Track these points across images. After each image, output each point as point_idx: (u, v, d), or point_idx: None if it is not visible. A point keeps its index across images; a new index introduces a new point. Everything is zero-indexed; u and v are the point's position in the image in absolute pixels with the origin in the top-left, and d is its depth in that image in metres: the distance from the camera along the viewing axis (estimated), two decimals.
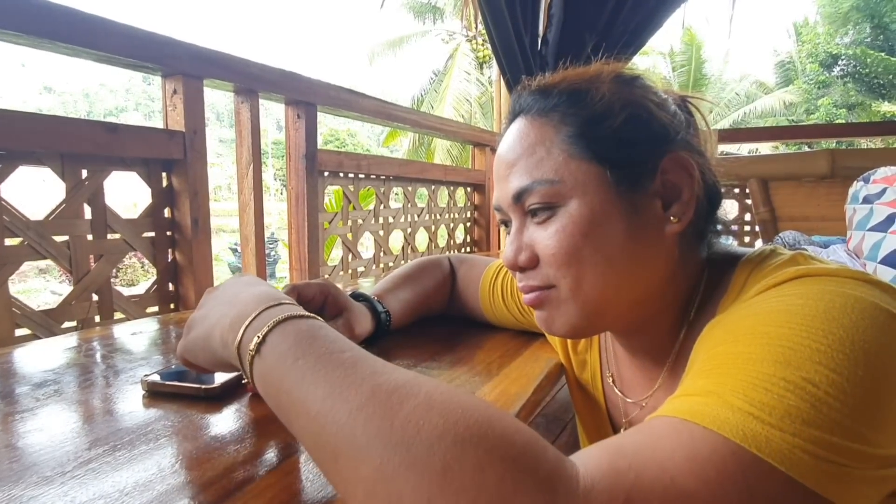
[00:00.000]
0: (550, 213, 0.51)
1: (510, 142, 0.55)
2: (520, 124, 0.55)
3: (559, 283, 0.52)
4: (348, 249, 1.80)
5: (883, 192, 1.55)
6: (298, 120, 1.52)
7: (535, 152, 0.52)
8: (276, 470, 0.44)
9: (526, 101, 0.56)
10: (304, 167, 1.52)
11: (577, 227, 0.50)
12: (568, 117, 0.52)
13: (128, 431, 0.50)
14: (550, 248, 0.51)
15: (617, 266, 0.51)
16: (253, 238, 1.37)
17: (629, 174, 0.51)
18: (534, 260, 0.53)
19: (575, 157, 0.51)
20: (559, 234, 0.50)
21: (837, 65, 18.91)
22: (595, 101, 0.52)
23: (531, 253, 0.53)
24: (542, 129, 0.53)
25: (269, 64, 1.41)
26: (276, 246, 11.04)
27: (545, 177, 0.51)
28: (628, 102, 0.52)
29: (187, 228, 1.20)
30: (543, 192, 0.51)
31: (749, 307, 0.42)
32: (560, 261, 0.51)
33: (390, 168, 1.96)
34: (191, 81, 1.21)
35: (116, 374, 0.67)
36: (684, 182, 0.52)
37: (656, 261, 0.53)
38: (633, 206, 0.51)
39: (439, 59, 15.21)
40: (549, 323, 0.55)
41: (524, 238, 0.54)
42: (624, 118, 0.51)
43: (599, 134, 0.51)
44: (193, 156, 1.20)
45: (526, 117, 0.55)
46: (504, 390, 0.63)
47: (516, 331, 0.90)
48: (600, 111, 0.52)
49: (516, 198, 0.53)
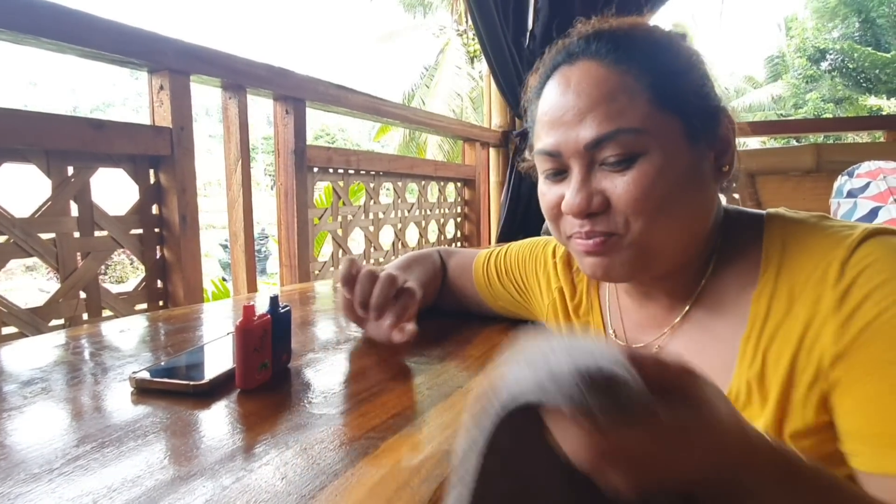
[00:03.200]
0: (630, 161, 0.52)
1: (580, 86, 0.53)
2: (591, 69, 0.53)
3: (629, 228, 0.53)
4: (338, 245, 1.80)
5: (867, 186, 1.58)
6: (287, 116, 1.52)
7: (616, 99, 0.51)
8: (267, 465, 0.44)
9: (596, 46, 0.54)
10: (293, 163, 1.52)
11: (658, 176, 0.51)
12: (650, 67, 0.52)
13: (116, 428, 0.50)
14: (631, 193, 0.51)
15: (683, 213, 0.54)
16: (242, 234, 1.37)
17: (700, 127, 0.53)
18: (604, 205, 0.53)
19: (658, 108, 0.51)
20: (641, 181, 0.51)
21: (826, 59, 19.06)
22: (675, 55, 0.54)
23: (602, 198, 0.53)
24: (622, 77, 0.52)
25: (257, 59, 1.40)
26: (266, 242, 10.99)
27: (629, 125, 0.51)
28: (700, 60, 0.55)
29: (175, 225, 1.19)
30: (627, 141, 0.51)
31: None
32: (639, 208, 0.52)
33: (380, 164, 1.95)
34: (177, 77, 1.20)
35: (105, 372, 0.67)
36: (731, 136, 0.56)
37: (707, 209, 0.57)
38: (699, 157, 0.54)
39: (430, 53, 15.17)
40: (608, 268, 0.56)
41: (592, 184, 0.53)
42: (700, 74, 0.54)
43: (680, 87, 0.53)
44: (181, 152, 1.20)
45: (599, 62, 0.53)
46: None
47: (504, 325, 0.91)
48: (682, 65, 0.54)
49: (593, 144, 0.52)
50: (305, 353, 0.75)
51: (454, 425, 0.52)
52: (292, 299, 1.18)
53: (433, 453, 0.46)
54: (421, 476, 0.43)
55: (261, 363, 0.60)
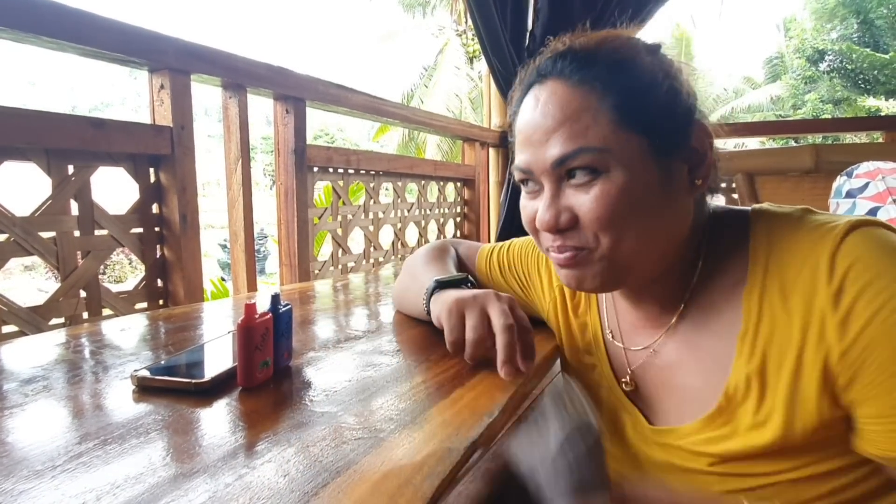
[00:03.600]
0: (592, 178, 0.53)
1: (546, 106, 0.55)
2: (557, 89, 0.55)
3: (599, 243, 0.55)
4: (338, 245, 1.80)
5: (865, 186, 1.58)
6: (287, 115, 1.52)
7: (579, 119, 0.53)
8: (269, 463, 0.44)
9: (561, 65, 0.56)
10: (293, 162, 1.52)
11: (621, 194, 0.52)
12: (613, 86, 0.53)
13: (118, 426, 0.50)
14: (594, 211, 0.53)
15: (652, 228, 0.55)
16: (242, 234, 1.37)
17: (667, 143, 0.54)
18: (573, 221, 0.55)
19: (621, 127, 0.52)
20: (604, 199, 0.53)
21: (824, 60, 19.08)
22: (640, 72, 0.55)
23: (570, 215, 0.55)
24: (586, 97, 0.53)
25: (257, 58, 1.40)
26: (265, 242, 10.99)
27: (592, 145, 0.52)
28: (667, 74, 0.55)
29: (175, 224, 1.19)
30: (589, 160, 0.53)
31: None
32: (604, 224, 0.53)
33: (380, 163, 1.96)
34: (178, 76, 1.20)
35: (106, 370, 0.67)
36: (706, 147, 0.57)
37: (681, 219, 0.58)
38: (668, 172, 0.55)
39: (429, 53, 15.16)
40: (581, 280, 0.58)
41: (561, 201, 0.55)
42: (665, 89, 0.54)
43: (644, 105, 0.53)
44: (181, 151, 1.20)
45: (564, 82, 0.55)
46: (492, 383, 0.64)
47: None
48: (646, 82, 0.54)
49: (557, 163, 0.54)
50: (306, 352, 0.75)
51: (456, 422, 0.52)
52: (292, 298, 1.18)
53: (435, 450, 0.47)
54: (423, 473, 0.43)
55: (262, 361, 0.60)
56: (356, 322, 0.98)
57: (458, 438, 0.49)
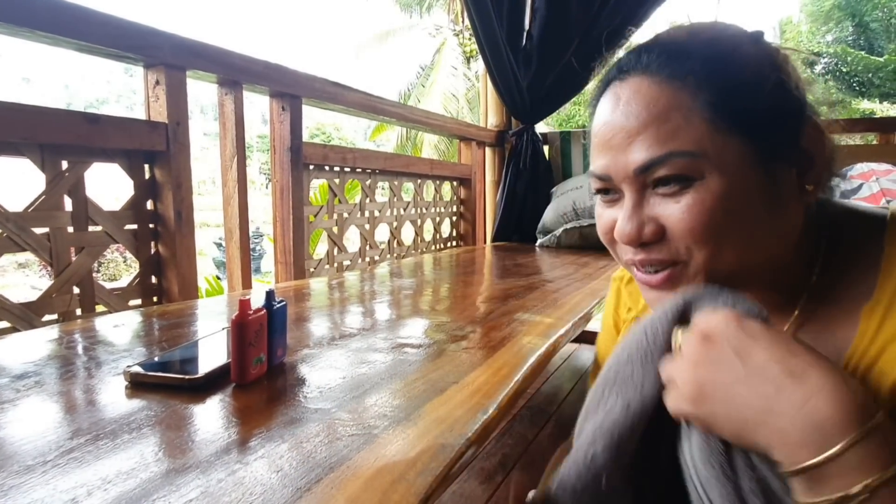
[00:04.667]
0: (684, 185, 0.46)
1: (629, 105, 0.48)
2: (641, 86, 0.48)
3: (691, 257, 0.48)
4: (334, 243, 1.80)
5: (860, 187, 1.59)
6: (283, 112, 1.51)
7: (668, 120, 0.46)
8: (262, 458, 0.44)
9: (647, 59, 0.49)
10: (289, 160, 1.51)
11: (717, 203, 0.45)
12: (708, 83, 0.46)
13: (110, 421, 0.50)
14: (687, 222, 0.46)
15: (754, 238, 0.48)
16: (237, 231, 1.36)
17: (772, 145, 0.47)
18: (659, 233, 0.48)
19: (718, 128, 0.45)
20: (698, 208, 0.46)
21: (820, 62, 19.17)
22: (740, 64, 0.47)
23: (656, 226, 0.48)
24: (676, 94, 0.46)
25: (254, 55, 1.40)
26: (261, 241, 10.95)
27: (684, 148, 0.45)
28: (770, 64, 0.48)
29: (170, 221, 1.19)
30: (680, 165, 0.46)
31: None
32: (698, 236, 0.46)
33: (376, 162, 1.95)
34: (173, 72, 1.20)
35: (98, 366, 0.66)
36: (818, 148, 0.49)
37: (789, 228, 0.50)
38: (772, 177, 0.47)
39: (426, 53, 15.14)
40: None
41: (645, 211, 0.49)
42: (771, 86, 0.47)
43: (745, 104, 0.46)
44: (177, 148, 1.19)
45: (650, 78, 0.48)
46: (486, 380, 0.64)
47: (503, 330, 0.91)
48: (747, 76, 0.47)
49: (642, 169, 0.47)
50: (301, 349, 0.75)
51: (449, 419, 0.52)
52: (287, 296, 1.18)
53: (429, 447, 0.47)
54: (417, 469, 0.43)
55: (256, 357, 0.60)
56: (351, 320, 0.98)
57: (451, 435, 0.49)
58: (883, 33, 18.28)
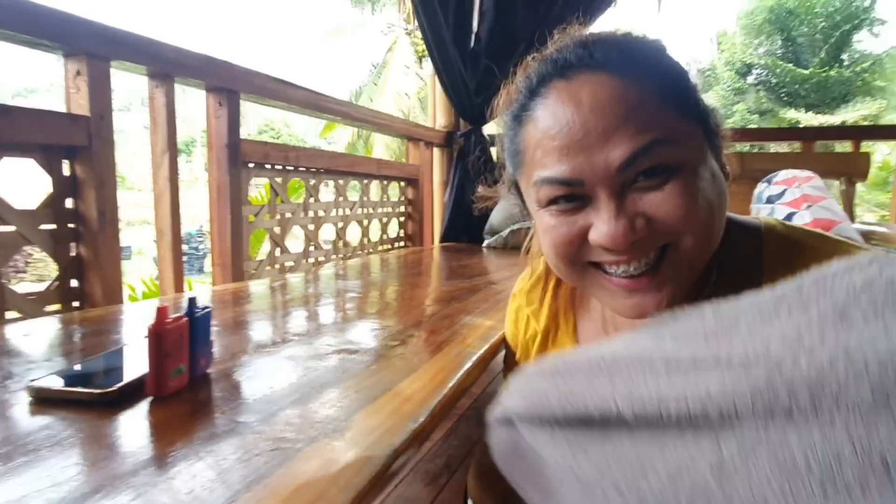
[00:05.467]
0: (667, 175, 0.46)
1: (597, 102, 0.47)
2: (604, 82, 0.47)
3: (680, 240, 0.47)
4: (276, 244, 1.74)
5: (783, 192, 1.68)
6: (220, 108, 1.45)
7: (643, 112, 0.46)
8: (172, 479, 0.41)
9: (600, 56, 0.48)
10: (227, 157, 1.45)
11: (699, 186, 0.47)
12: (661, 74, 0.49)
13: (4, 443, 0.46)
14: (678, 208, 0.46)
15: (721, 223, 0.50)
16: (169, 232, 1.30)
17: (711, 130, 0.51)
18: (648, 227, 0.47)
19: (682, 117, 0.48)
20: (685, 193, 0.46)
21: (752, 73, 20.33)
22: (675, 62, 0.51)
23: (645, 220, 0.47)
24: (642, 89, 0.47)
25: (188, 48, 1.34)
26: (205, 240, 10.55)
27: (665, 136, 0.46)
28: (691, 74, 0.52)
29: (93, 221, 1.11)
30: (663, 153, 0.46)
31: None
32: (688, 221, 0.46)
33: (320, 160, 1.91)
34: (96, 63, 1.12)
35: (1, 380, 0.61)
36: (725, 136, 0.53)
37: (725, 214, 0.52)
38: (715, 162, 0.51)
39: (378, 51, 15.00)
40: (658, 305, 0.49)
41: (630, 208, 0.47)
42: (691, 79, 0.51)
43: (689, 94, 0.50)
44: (100, 143, 1.12)
45: (611, 74, 0.47)
46: (421, 387, 0.63)
47: (443, 333, 0.91)
48: (683, 71, 0.51)
49: (627, 163, 0.46)
50: (230, 358, 0.72)
51: (378, 430, 0.51)
52: (224, 299, 1.13)
53: (354, 460, 0.45)
54: (339, 485, 0.41)
55: (175, 369, 0.57)
56: (288, 325, 0.95)
57: (379, 447, 0.47)
58: (808, 48, 19.60)
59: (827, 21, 19.05)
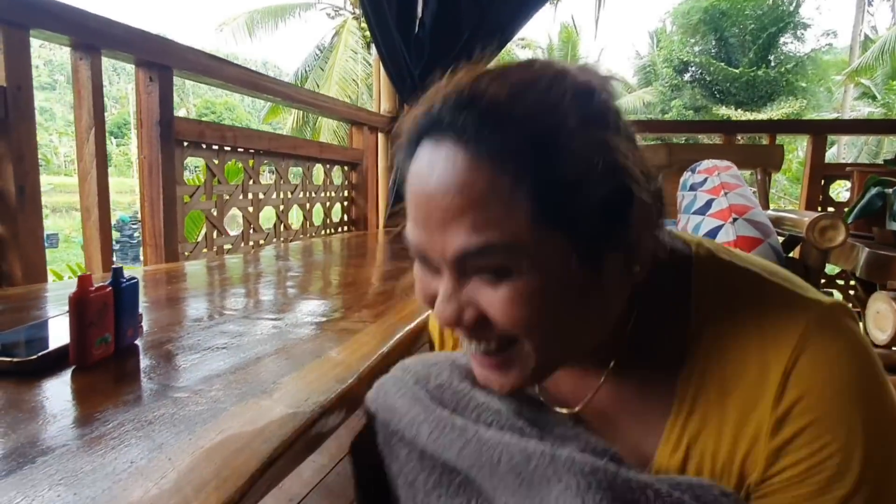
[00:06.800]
0: (502, 276, 0.43)
1: (444, 177, 0.42)
2: (457, 159, 0.42)
3: (518, 339, 0.46)
4: (213, 226, 1.70)
5: (705, 181, 1.80)
6: (151, 84, 1.40)
7: (486, 207, 0.41)
8: (95, 439, 0.42)
9: (464, 121, 0.42)
10: (158, 135, 1.41)
11: (535, 296, 0.43)
12: (533, 165, 0.41)
13: None
14: (506, 313, 0.43)
15: (580, 324, 0.47)
16: (96, 210, 1.25)
17: (595, 240, 0.44)
18: (479, 318, 0.45)
19: (539, 223, 0.41)
20: (516, 300, 0.43)
21: (688, 71, 21.26)
22: (568, 146, 0.42)
23: (476, 311, 0.45)
24: (495, 178, 0.41)
25: (115, 18, 1.28)
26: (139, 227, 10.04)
27: (501, 240, 0.41)
28: (600, 143, 0.43)
29: (11, 197, 1.06)
30: (498, 258, 0.42)
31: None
32: (520, 327, 0.44)
33: (259, 142, 1.87)
34: (13, 31, 1.06)
35: None
36: (646, 230, 0.46)
37: (616, 308, 0.49)
38: (598, 268, 0.44)
39: (325, 34, 14.62)
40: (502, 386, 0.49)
41: (465, 293, 0.45)
42: (598, 178, 0.42)
43: (569, 197, 0.42)
44: (17, 115, 1.06)
45: (467, 149, 0.42)
46: (350, 354, 0.65)
47: (379, 306, 0.93)
48: (571, 163, 0.41)
49: (459, 258, 0.43)
50: (162, 330, 0.71)
51: (306, 390, 0.53)
52: (157, 279, 1.11)
53: (280, 417, 0.47)
54: (263, 436, 0.43)
55: (100, 338, 0.57)
56: (222, 302, 0.94)
57: (306, 405, 0.50)
58: (739, 48, 20.69)
59: (756, 23, 20.17)
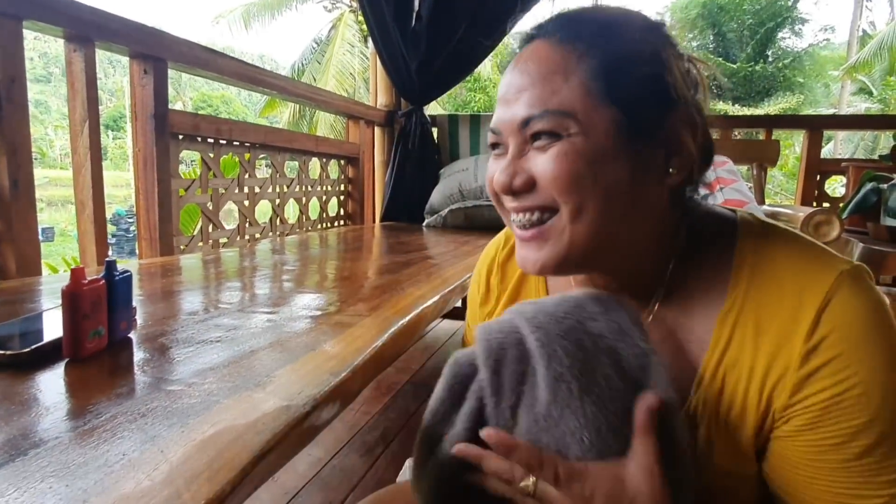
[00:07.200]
0: (555, 140, 0.50)
1: (524, 64, 0.52)
2: (538, 47, 0.52)
3: (558, 209, 0.51)
4: (209, 220, 1.70)
5: None
6: (145, 76, 1.39)
7: (551, 80, 0.50)
8: (89, 430, 0.42)
9: (548, 26, 0.54)
10: (153, 128, 1.40)
11: (579, 158, 0.49)
12: (594, 50, 0.50)
13: None
14: (550, 171, 0.50)
15: (615, 204, 0.51)
16: (90, 203, 1.24)
17: (641, 121, 0.50)
18: (529, 184, 0.52)
19: (592, 95, 0.49)
20: (560, 158, 0.49)
21: None
22: (625, 42, 0.51)
23: (527, 176, 0.52)
24: (563, 57, 0.50)
25: (110, 10, 1.27)
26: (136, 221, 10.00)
27: (558, 108, 0.49)
28: (655, 51, 0.51)
29: (5, 190, 1.05)
30: (552, 122, 0.49)
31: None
32: (560, 186, 0.50)
33: (255, 135, 1.86)
34: (6, 21, 1.05)
35: None
36: (687, 138, 0.52)
37: (651, 207, 0.53)
38: (638, 152, 0.51)
39: (322, 28, 14.54)
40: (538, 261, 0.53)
41: (521, 163, 0.52)
42: (649, 67, 0.50)
43: (622, 77, 0.50)
44: (10, 108, 1.06)
45: (547, 41, 0.52)
46: (345, 347, 0.65)
47: (375, 299, 0.93)
48: (628, 54, 0.50)
49: (523, 123, 0.51)
50: (156, 323, 0.71)
51: (300, 383, 0.53)
52: (151, 273, 1.10)
53: (273, 409, 0.47)
54: (256, 429, 0.44)
55: (93, 330, 0.57)
56: (216, 295, 0.94)
57: (299, 397, 0.50)
58: (737, 43, 20.66)
59: (754, 18, 20.13)
